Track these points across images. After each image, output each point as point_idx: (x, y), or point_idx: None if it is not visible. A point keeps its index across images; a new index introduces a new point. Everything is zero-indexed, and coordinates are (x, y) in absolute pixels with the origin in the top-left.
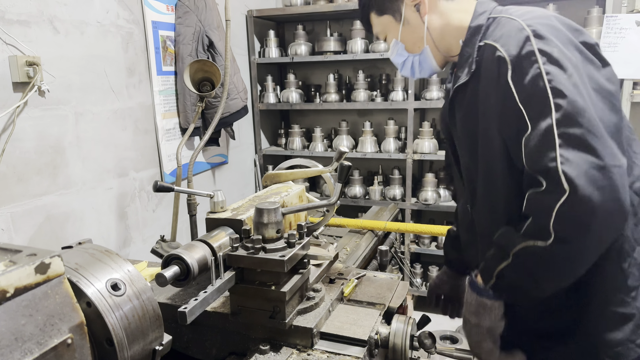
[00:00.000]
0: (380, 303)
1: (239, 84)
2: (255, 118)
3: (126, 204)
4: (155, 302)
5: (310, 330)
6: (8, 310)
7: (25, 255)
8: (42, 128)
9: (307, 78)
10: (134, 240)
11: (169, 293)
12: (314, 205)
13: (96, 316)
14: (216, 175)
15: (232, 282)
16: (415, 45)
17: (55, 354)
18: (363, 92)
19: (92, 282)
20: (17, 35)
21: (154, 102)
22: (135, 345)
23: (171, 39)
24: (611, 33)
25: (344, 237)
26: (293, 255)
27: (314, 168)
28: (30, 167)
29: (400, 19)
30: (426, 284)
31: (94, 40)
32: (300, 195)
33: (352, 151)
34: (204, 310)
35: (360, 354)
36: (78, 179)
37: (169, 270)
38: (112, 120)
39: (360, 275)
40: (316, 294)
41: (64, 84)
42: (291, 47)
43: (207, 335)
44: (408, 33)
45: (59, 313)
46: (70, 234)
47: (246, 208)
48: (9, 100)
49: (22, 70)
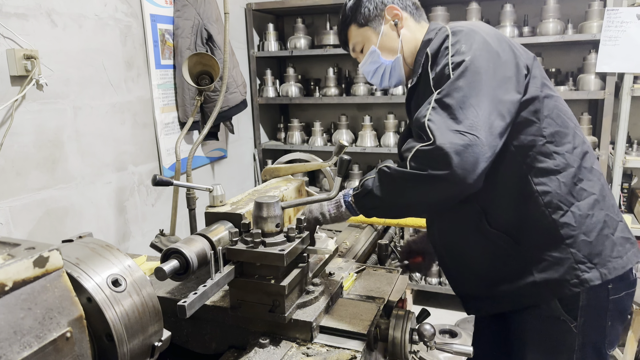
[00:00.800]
0: (379, 297)
1: (238, 77)
2: (254, 112)
3: (125, 198)
4: (155, 298)
5: (310, 324)
6: (7, 303)
7: (23, 249)
8: (41, 122)
9: (307, 72)
10: (133, 234)
11: (169, 287)
12: (314, 200)
13: (96, 311)
14: (215, 169)
15: (232, 276)
16: (390, 54)
17: (54, 347)
18: (363, 86)
19: (92, 276)
20: (14, 28)
21: (153, 96)
22: (134, 340)
23: (170, 32)
24: (612, 27)
25: (344, 232)
26: (292, 250)
27: (313, 162)
28: (28, 161)
29: (379, 30)
30: (425, 278)
31: (92, 34)
32: (300, 190)
33: (351, 145)
34: (203, 304)
35: (360, 347)
36: (77, 173)
37: (168, 264)
38: (110, 114)
39: (359, 269)
40: (316, 287)
41: (62, 77)
42: (290, 41)
43: (207, 329)
44: (385, 43)
45: (57, 307)
46: (69, 228)
47: (245, 202)
48: (7, 94)
49: (19, 64)
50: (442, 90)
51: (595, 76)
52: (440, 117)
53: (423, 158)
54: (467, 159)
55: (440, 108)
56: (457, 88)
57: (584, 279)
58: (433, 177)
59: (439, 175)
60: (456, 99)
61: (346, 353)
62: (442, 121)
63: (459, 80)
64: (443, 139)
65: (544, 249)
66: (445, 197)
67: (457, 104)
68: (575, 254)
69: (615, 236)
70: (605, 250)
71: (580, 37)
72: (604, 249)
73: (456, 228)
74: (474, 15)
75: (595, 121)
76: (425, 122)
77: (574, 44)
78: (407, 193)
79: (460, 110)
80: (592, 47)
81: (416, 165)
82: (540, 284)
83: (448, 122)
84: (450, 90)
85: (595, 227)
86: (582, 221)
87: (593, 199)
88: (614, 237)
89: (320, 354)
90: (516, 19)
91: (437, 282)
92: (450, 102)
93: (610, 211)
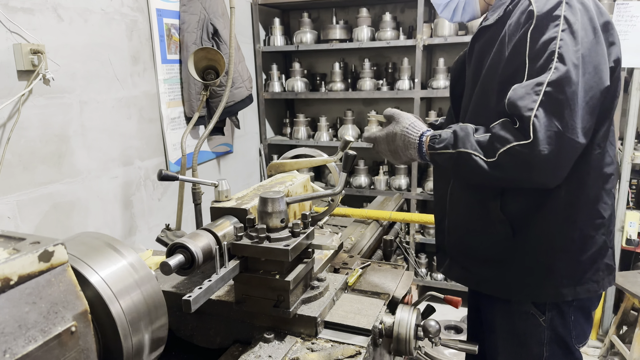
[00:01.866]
0: (384, 293)
1: (244, 72)
2: (260, 107)
3: (132, 192)
4: (159, 292)
5: (315, 319)
6: (12, 298)
7: (28, 243)
8: (47, 117)
9: (313, 67)
10: (140, 228)
11: (174, 282)
12: (318, 195)
13: (101, 305)
14: (221, 164)
15: (237, 271)
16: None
17: (59, 341)
18: (369, 81)
19: (97, 270)
20: (21, 23)
21: (159, 91)
22: (139, 333)
23: (176, 27)
24: (622, 21)
25: (349, 227)
26: (297, 245)
27: (318, 157)
28: (35, 155)
29: None
30: (431, 274)
31: (98, 28)
32: (305, 185)
33: (357, 141)
34: (208, 298)
35: (364, 343)
36: (83, 168)
37: (173, 258)
38: (116, 108)
39: (364, 265)
40: (320, 283)
41: (68, 72)
42: (296, 35)
43: (212, 323)
44: None
45: (62, 301)
46: (76, 222)
47: (251, 197)
48: (13, 89)
49: (26, 59)
50: (552, 79)
51: None
52: (548, 117)
53: (517, 159)
54: (564, 165)
55: (549, 103)
56: (569, 81)
57: (559, 292)
58: (520, 180)
59: (529, 179)
60: (567, 95)
61: (351, 348)
62: (549, 122)
63: (570, 74)
64: (546, 145)
65: (540, 253)
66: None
67: (567, 102)
68: (563, 269)
69: (602, 262)
70: (588, 273)
71: None
72: (588, 270)
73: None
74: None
75: None
76: (531, 118)
77: None
78: (485, 179)
79: (569, 110)
80: None
81: (507, 163)
82: (520, 283)
83: (554, 124)
84: (563, 82)
85: (591, 249)
86: (584, 241)
87: (600, 222)
88: (601, 262)
89: (324, 349)
90: None
91: (442, 278)
92: (561, 98)
93: (609, 238)
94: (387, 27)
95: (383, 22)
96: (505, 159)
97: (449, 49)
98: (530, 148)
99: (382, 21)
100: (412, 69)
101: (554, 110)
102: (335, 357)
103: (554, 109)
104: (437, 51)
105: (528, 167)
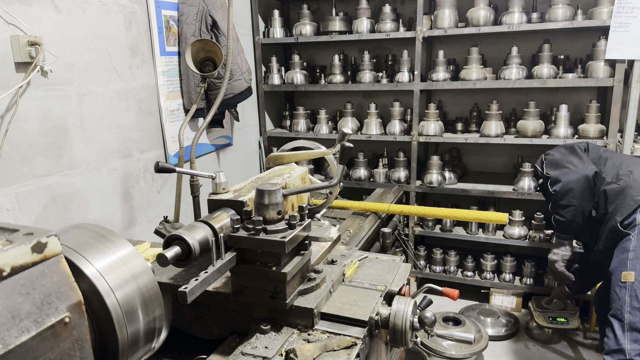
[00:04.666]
0: (381, 284)
1: (243, 64)
2: (259, 99)
3: (131, 184)
4: (155, 283)
5: (311, 311)
6: (5, 288)
7: (22, 235)
8: (45, 108)
9: (312, 59)
10: (139, 220)
11: (171, 273)
12: (315, 187)
13: (96, 296)
14: (221, 156)
15: (233, 262)
16: None
17: (52, 332)
18: (368, 73)
19: (92, 262)
20: (18, 14)
21: (158, 83)
22: (134, 325)
23: (174, 18)
24: (623, 12)
25: (347, 219)
26: (294, 237)
27: (316, 150)
28: (34, 147)
29: None
30: (430, 266)
31: (96, 20)
32: (303, 177)
33: (357, 133)
34: (205, 290)
35: (361, 334)
36: (82, 160)
37: (170, 250)
38: (115, 100)
39: (362, 257)
40: (317, 275)
41: (66, 64)
42: (296, 27)
43: (209, 314)
44: None
45: (56, 292)
46: (75, 214)
47: (248, 189)
48: (11, 81)
49: (24, 50)
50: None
51: (604, 63)
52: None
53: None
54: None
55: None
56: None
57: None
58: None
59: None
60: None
61: (347, 339)
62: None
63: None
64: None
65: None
66: None
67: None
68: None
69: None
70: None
71: (590, 24)
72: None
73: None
74: (482, 1)
75: (603, 109)
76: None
77: (583, 30)
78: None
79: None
80: (602, 34)
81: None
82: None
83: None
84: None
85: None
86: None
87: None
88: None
89: (321, 340)
90: (524, 4)
91: (441, 270)
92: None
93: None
94: (386, 19)
95: (383, 14)
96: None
97: (449, 40)
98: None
99: (382, 13)
100: (412, 61)
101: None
102: (331, 348)
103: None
104: (437, 43)
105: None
